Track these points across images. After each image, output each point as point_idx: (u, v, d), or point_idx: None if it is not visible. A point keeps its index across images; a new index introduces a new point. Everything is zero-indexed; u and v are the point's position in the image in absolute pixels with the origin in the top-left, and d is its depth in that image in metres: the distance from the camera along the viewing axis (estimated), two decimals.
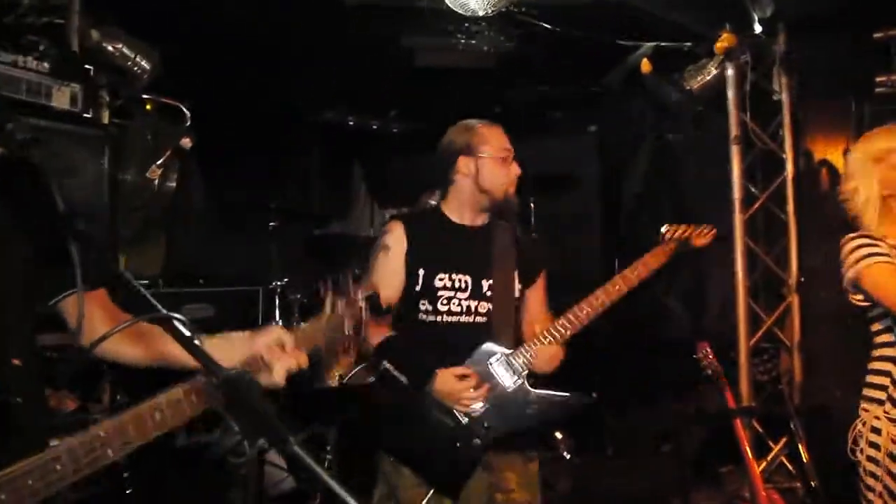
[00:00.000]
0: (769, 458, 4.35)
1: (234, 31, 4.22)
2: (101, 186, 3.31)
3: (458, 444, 2.39)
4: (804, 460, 3.44)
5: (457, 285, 2.49)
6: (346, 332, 1.89)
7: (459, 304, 2.47)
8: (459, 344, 2.46)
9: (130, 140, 3.91)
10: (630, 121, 5.48)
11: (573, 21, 4.13)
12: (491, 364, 2.44)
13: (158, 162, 3.81)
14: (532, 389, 2.45)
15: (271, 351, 1.73)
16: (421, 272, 2.47)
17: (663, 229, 2.68)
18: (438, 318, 2.46)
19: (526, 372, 2.44)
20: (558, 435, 4.86)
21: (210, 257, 4.96)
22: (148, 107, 4.32)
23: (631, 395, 4.87)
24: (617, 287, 2.55)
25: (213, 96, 4.63)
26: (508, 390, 2.43)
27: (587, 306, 2.51)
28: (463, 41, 4.05)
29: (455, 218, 2.60)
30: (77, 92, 3.30)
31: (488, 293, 2.51)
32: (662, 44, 4.37)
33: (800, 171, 4.38)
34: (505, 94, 5.18)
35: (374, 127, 5.81)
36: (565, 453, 4.78)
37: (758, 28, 4.14)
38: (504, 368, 2.43)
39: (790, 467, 4.37)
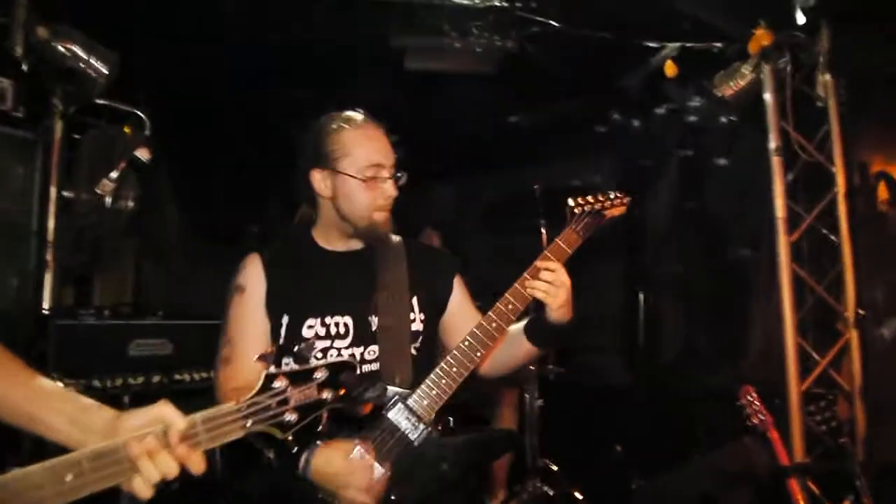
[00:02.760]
0: None
1: (206, 35, 3.78)
2: (30, 198, 2.85)
3: None
4: None
5: (333, 331, 1.92)
6: (288, 420, 1.29)
7: (340, 356, 1.88)
8: None
9: (83, 152, 3.48)
10: (652, 137, 4.94)
11: (583, 18, 3.64)
12: (387, 416, 1.82)
13: (111, 175, 3.34)
14: (444, 437, 1.85)
15: (143, 445, 1.16)
16: (285, 319, 1.90)
17: (570, 203, 2.08)
18: None
19: (433, 416, 1.83)
20: (578, 495, 4.24)
21: (184, 287, 4.49)
22: (126, 129, 3.94)
23: (661, 450, 4.22)
24: (527, 287, 1.90)
25: (183, 110, 4.22)
26: (414, 444, 1.81)
27: (489, 324, 1.91)
28: (458, 41, 3.56)
29: (325, 243, 2.04)
30: (6, 88, 2.87)
31: (377, 333, 1.94)
32: (688, 44, 3.85)
33: (853, 186, 3.79)
34: (508, 107, 4.69)
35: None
36: None
37: (799, 20, 3.60)
38: (404, 418, 1.82)
39: None
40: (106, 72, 3.46)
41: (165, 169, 4.45)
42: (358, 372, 1.59)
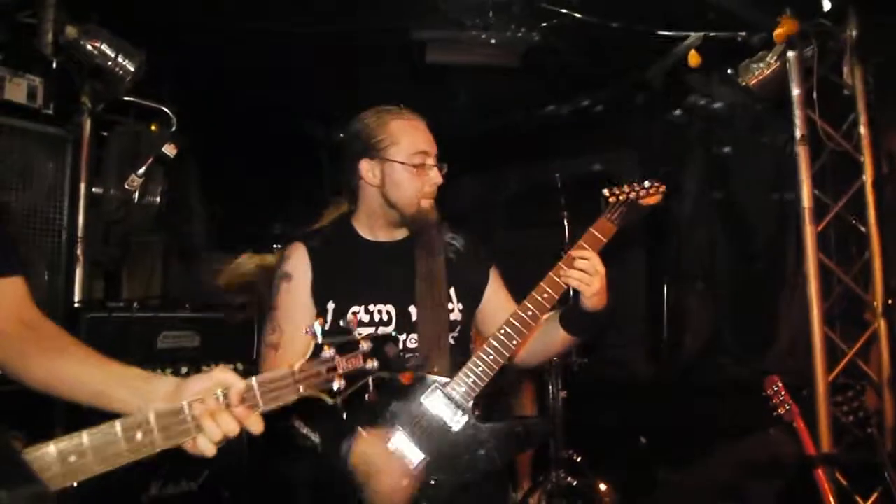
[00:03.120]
0: None
1: (232, 32, 3.83)
2: (60, 194, 2.91)
3: None
4: None
5: (377, 318, 1.99)
6: (337, 387, 1.38)
7: None
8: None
9: (111, 149, 3.54)
10: (677, 127, 4.90)
11: (607, 9, 3.63)
12: (425, 403, 1.89)
13: (139, 171, 3.40)
14: (481, 424, 1.92)
15: (205, 406, 1.24)
16: (331, 306, 1.98)
17: (605, 192, 2.13)
18: None
19: (471, 403, 1.90)
20: (602, 486, 4.24)
21: (210, 281, 4.56)
22: (153, 127, 4.00)
23: (686, 442, 4.20)
24: (561, 276, 1.97)
25: (209, 107, 4.27)
26: (452, 431, 1.88)
27: (532, 306, 1.97)
28: (482, 34, 3.57)
29: (367, 234, 2.12)
30: (36, 86, 2.93)
31: (416, 322, 2.01)
32: (712, 34, 3.81)
33: (881, 174, 3.74)
34: (531, 101, 4.68)
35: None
36: None
37: (825, 7, 3.56)
38: (443, 405, 1.89)
39: None
40: (133, 69, 3.52)
41: (192, 165, 4.51)
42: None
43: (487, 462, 1.91)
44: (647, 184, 2.17)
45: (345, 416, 1.49)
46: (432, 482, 1.86)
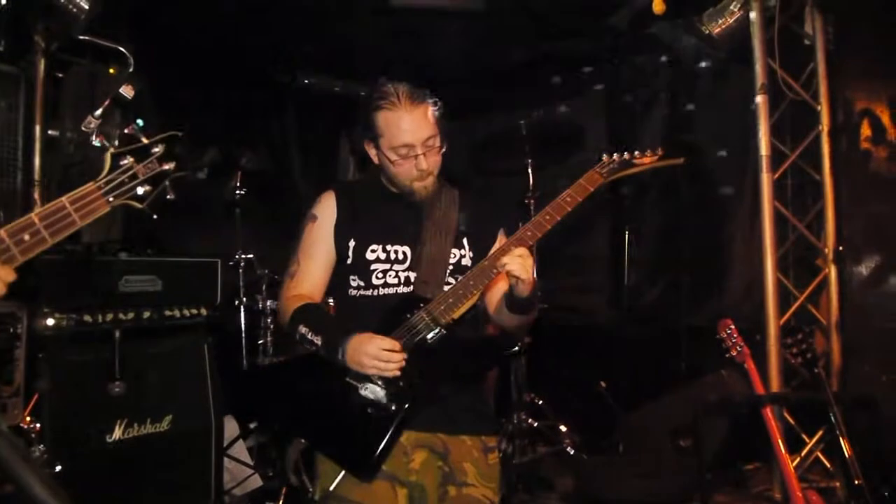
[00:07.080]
0: (803, 454, 3.82)
1: None
2: (14, 133, 2.84)
3: (369, 411, 2.04)
4: (846, 455, 2.92)
5: (392, 257, 2.21)
6: (141, 193, 1.46)
7: (397, 276, 2.20)
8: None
9: (66, 90, 3.45)
10: (640, 75, 4.91)
11: None
12: (408, 317, 2.09)
13: (96, 113, 3.32)
14: (456, 339, 2.10)
15: None
16: (351, 244, 2.22)
17: (604, 157, 2.30)
18: (373, 293, 2.19)
19: (446, 320, 2.07)
20: (562, 427, 4.37)
21: (170, 225, 4.50)
22: (112, 70, 3.90)
23: (644, 385, 4.33)
24: (548, 217, 2.10)
25: (168, 46, 4.17)
26: (428, 342, 2.06)
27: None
28: None
29: (390, 186, 2.29)
30: None
31: (419, 259, 2.21)
32: None
33: (837, 124, 3.82)
34: (496, 49, 4.65)
35: (362, 94, 5.30)
36: (569, 448, 4.28)
37: None
38: (423, 320, 2.07)
39: (827, 464, 3.84)
40: (88, 7, 3.40)
41: (151, 107, 4.41)
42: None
43: (461, 373, 2.14)
44: (642, 150, 2.33)
45: None
46: (401, 384, 2.03)
